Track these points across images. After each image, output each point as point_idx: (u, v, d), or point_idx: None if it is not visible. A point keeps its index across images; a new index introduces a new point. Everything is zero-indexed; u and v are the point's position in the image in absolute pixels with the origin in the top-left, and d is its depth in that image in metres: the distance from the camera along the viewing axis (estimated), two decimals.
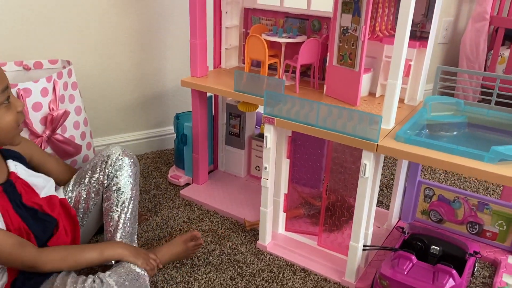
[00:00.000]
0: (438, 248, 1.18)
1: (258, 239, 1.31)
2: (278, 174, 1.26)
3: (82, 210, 1.16)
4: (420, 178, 1.38)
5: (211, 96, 1.61)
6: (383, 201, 1.57)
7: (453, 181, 1.71)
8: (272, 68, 1.48)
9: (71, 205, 1.15)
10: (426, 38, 1.23)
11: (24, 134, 1.29)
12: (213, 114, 1.64)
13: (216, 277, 1.18)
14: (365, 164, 1.03)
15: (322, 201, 1.25)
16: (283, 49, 1.38)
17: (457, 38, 2.60)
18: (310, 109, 1.09)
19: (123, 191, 1.13)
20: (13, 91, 1.24)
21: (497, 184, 1.68)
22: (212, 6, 1.49)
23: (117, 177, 1.13)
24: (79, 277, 0.95)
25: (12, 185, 0.98)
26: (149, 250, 1.15)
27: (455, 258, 1.15)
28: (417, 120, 1.14)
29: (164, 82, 1.84)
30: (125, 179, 1.13)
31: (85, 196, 1.15)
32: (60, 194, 1.14)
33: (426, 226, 1.36)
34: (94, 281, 0.93)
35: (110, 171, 1.13)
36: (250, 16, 1.53)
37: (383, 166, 1.86)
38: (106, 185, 1.14)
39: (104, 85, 1.71)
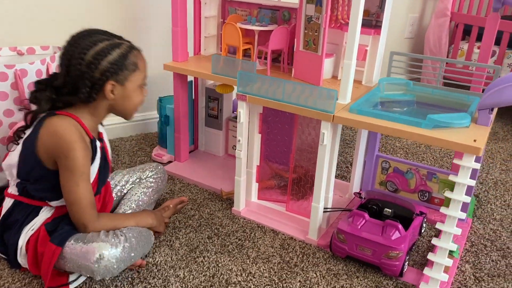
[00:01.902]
0: (390, 210, 1.35)
1: (233, 206, 1.46)
2: (251, 147, 1.42)
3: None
4: (378, 152, 1.56)
5: (192, 81, 1.75)
6: (347, 176, 1.74)
7: (410, 157, 1.89)
8: (247, 55, 1.63)
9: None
10: (381, 27, 1.39)
11: (20, 113, 1.42)
12: (193, 97, 1.79)
13: (195, 237, 1.33)
14: (324, 133, 1.20)
15: (290, 170, 1.41)
16: (256, 36, 1.54)
17: (422, 33, 2.80)
18: (277, 86, 1.25)
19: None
20: (11, 71, 1.37)
21: (446, 153, 1.89)
22: None
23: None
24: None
25: (103, 142, 1.22)
26: (158, 211, 1.35)
27: (404, 218, 1.32)
28: (370, 97, 1.30)
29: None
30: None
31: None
32: None
33: (382, 193, 1.53)
34: (117, 235, 1.10)
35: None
36: (227, 7, 1.68)
37: (347, 143, 2.03)
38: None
39: None
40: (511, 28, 2.28)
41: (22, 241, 1.11)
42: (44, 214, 1.14)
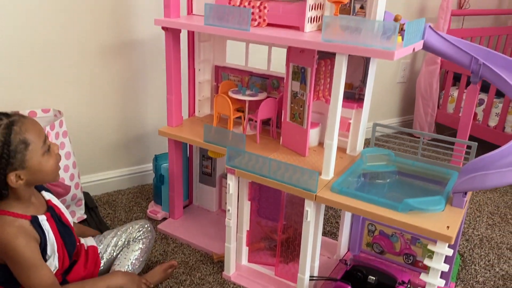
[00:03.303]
0: (374, 278, 1.40)
1: (224, 270, 1.52)
2: (240, 213, 1.48)
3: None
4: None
5: None
6: (336, 232, 1.79)
7: None
8: (240, 110, 1.70)
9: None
10: (363, 100, 1.46)
11: None
12: (188, 155, 1.86)
13: None
14: (307, 210, 1.26)
15: (278, 237, 1.47)
16: (247, 104, 1.61)
17: (414, 77, 2.88)
18: (264, 163, 1.31)
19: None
20: None
21: None
22: (187, 63, 1.71)
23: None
24: None
25: (53, 210, 1.22)
26: (141, 277, 1.38)
27: (387, 287, 1.37)
28: (354, 170, 1.37)
29: (144, 124, 2.05)
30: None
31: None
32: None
33: (367, 257, 1.58)
34: None
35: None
36: (220, 72, 1.76)
37: None
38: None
39: (91, 128, 1.92)
40: None
41: None
42: None
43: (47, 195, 1.26)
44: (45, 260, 1.16)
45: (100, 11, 1.78)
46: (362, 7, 1.34)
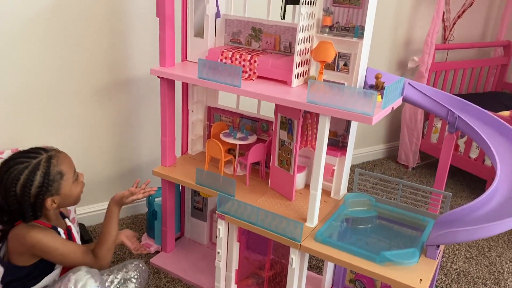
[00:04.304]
0: None
1: None
2: (230, 254, 1.56)
3: None
4: None
5: None
6: (322, 266, 1.88)
7: None
8: (232, 154, 1.78)
9: None
10: (347, 148, 1.55)
11: None
12: (180, 190, 1.93)
13: None
14: (292, 258, 1.34)
15: (265, 273, 1.55)
16: (237, 148, 1.70)
17: (400, 107, 2.98)
18: (252, 211, 1.40)
19: None
20: None
21: None
22: (181, 103, 1.79)
23: None
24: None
25: (70, 231, 1.42)
26: None
27: None
28: (337, 216, 1.46)
29: (138, 158, 2.13)
30: None
31: None
32: None
33: None
34: None
35: None
36: (212, 113, 1.84)
37: None
38: None
39: (87, 163, 1.98)
40: None
41: None
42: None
43: (68, 222, 1.45)
44: (53, 268, 1.34)
45: (95, 55, 1.85)
46: (345, 64, 1.43)
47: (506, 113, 2.43)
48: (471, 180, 2.72)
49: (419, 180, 2.78)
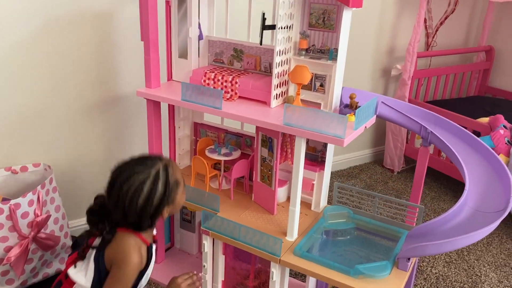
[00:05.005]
0: None
1: None
2: (216, 266, 1.63)
3: None
4: None
5: None
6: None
7: None
8: (217, 168, 1.85)
9: None
10: (325, 163, 1.62)
11: (13, 237, 1.62)
12: None
13: None
14: (273, 272, 1.42)
15: (250, 282, 1.63)
16: (222, 164, 1.77)
17: None
18: (234, 228, 1.47)
19: None
20: (6, 207, 1.58)
21: None
22: (167, 119, 1.86)
23: None
24: None
25: (156, 243, 1.34)
26: None
27: None
28: (316, 229, 1.53)
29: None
30: None
31: None
32: None
33: None
34: None
35: None
36: (198, 128, 1.91)
37: None
38: None
39: (79, 179, 2.05)
40: None
41: None
42: None
43: (154, 230, 1.37)
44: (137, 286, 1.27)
45: (85, 74, 1.92)
46: (321, 85, 1.51)
47: (485, 120, 2.50)
48: (454, 183, 2.80)
49: (404, 183, 2.87)
